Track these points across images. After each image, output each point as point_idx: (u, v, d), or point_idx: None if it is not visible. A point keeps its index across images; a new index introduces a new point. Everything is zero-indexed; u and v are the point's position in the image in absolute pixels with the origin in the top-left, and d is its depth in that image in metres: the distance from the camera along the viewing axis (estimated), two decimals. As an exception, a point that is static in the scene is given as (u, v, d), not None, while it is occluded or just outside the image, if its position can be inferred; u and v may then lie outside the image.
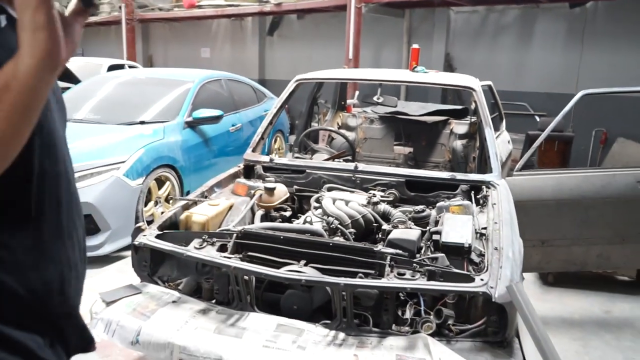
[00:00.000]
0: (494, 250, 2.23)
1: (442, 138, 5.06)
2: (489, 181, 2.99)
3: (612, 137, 7.60)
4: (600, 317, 3.57)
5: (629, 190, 3.32)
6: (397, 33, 9.46)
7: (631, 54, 7.45)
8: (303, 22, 10.89)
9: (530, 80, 8.28)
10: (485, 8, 8.55)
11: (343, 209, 2.71)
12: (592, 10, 7.81)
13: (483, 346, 2.01)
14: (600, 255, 3.41)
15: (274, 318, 2.09)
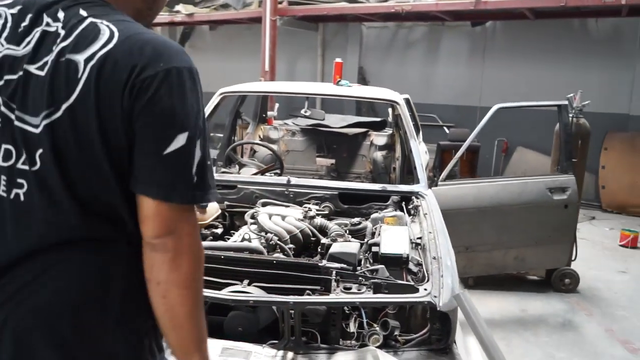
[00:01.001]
0: (432, 259, 2.29)
1: (362, 149, 5.17)
2: (417, 192, 3.09)
3: (513, 146, 8.21)
4: (518, 315, 3.81)
5: (540, 196, 3.59)
6: (311, 46, 9.59)
7: (525, 69, 8.11)
8: (215, 34, 10.72)
9: (438, 93, 8.74)
10: (395, 24, 8.93)
11: (280, 224, 2.66)
12: (491, 29, 8.42)
13: (428, 354, 2.05)
14: (517, 257, 3.65)
15: (218, 342, 1.99)
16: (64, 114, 0.92)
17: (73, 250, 0.96)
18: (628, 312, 4.02)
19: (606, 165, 7.23)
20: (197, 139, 0.97)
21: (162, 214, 0.95)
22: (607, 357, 3.34)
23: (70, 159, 0.94)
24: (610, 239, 5.89)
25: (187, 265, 0.98)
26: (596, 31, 7.78)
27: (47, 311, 0.94)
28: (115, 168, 0.95)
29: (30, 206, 0.95)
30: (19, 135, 0.94)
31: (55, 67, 0.93)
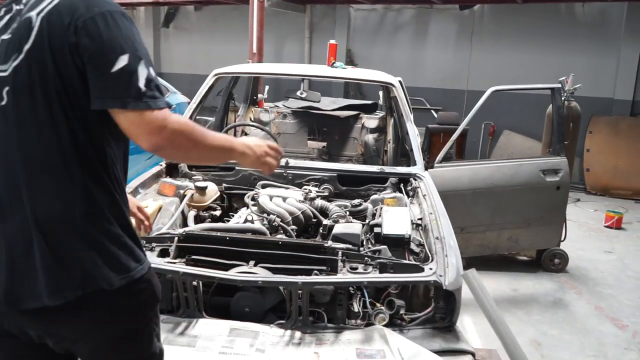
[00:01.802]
0: (435, 239, 2.31)
1: (354, 132, 5.17)
2: (414, 173, 3.11)
3: (499, 129, 8.29)
4: (510, 295, 3.89)
5: (532, 178, 3.64)
6: (298, 28, 9.50)
7: (512, 53, 8.17)
8: (201, 14, 10.54)
9: (426, 77, 8.75)
10: (383, 7, 8.88)
11: (282, 205, 2.66)
12: (479, 12, 8.43)
13: (433, 332, 2.08)
14: (510, 238, 3.71)
15: (226, 322, 1.99)
16: (25, 55, 1.17)
17: None
18: (615, 291, 4.13)
19: (591, 149, 7.36)
20: (141, 60, 1.18)
21: (133, 121, 1.17)
22: (597, 333, 3.44)
23: (29, 92, 1.17)
24: (596, 220, 6.02)
25: (183, 143, 1.24)
26: (582, 15, 7.84)
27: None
28: (65, 94, 1.17)
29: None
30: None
31: (17, 26, 1.20)
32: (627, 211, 6.30)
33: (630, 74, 7.57)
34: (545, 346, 3.23)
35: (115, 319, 1.28)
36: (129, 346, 1.36)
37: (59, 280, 1.19)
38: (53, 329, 1.26)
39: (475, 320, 3.35)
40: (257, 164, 1.57)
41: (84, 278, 1.20)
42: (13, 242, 1.21)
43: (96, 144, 1.22)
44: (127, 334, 1.34)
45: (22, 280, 1.20)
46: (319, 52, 9.38)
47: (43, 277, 1.19)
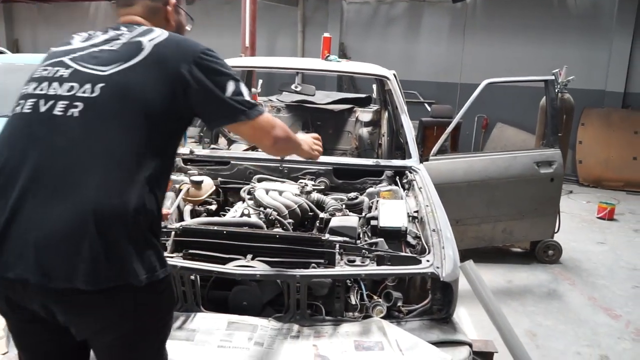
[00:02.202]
0: (432, 232, 2.32)
1: (348, 126, 5.17)
2: (410, 166, 3.12)
3: (492, 122, 8.32)
4: (505, 286, 3.92)
5: (527, 170, 3.65)
6: (291, 22, 9.46)
7: (505, 46, 8.19)
8: (192, 8, 10.40)
9: (419, 70, 8.76)
10: (376, 0, 8.86)
11: (278, 199, 2.66)
12: (471, 6, 8.44)
13: (431, 324, 2.09)
14: (505, 230, 3.73)
15: (224, 316, 1.99)
16: (131, 66, 1.36)
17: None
18: (608, 281, 4.17)
19: (583, 141, 7.41)
20: (238, 81, 1.46)
21: (251, 131, 1.51)
22: (591, 323, 3.47)
23: (122, 95, 1.34)
24: (588, 212, 6.06)
25: (285, 135, 1.61)
26: (574, 7, 7.87)
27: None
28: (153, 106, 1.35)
29: (82, 123, 1.31)
30: (85, 76, 1.36)
31: (125, 44, 1.42)
32: (619, 202, 6.36)
33: (621, 66, 7.61)
34: (540, 336, 3.26)
35: (137, 315, 1.34)
36: (144, 345, 1.43)
37: (99, 268, 1.24)
38: (78, 315, 1.31)
39: (471, 312, 3.38)
40: (311, 154, 1.89)
41: (121, 271, 1.26)
42: (66, 222, 1.24)
43: (160, 153, 1.38)
44: (145, 332, 1.40)
45: (63, 260, 1.24)
46: (311, 46, 9.36)
47: (84, 262, 1.23)
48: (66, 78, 1.37)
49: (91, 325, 1.33)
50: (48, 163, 1.28)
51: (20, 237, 1.25)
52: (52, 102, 1.34)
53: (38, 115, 1.33)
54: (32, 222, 1.25)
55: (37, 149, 1.30)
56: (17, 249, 1.25)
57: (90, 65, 1.38)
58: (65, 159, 1.29)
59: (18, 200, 1.26)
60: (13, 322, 1.43)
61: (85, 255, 1.23)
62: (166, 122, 1.38)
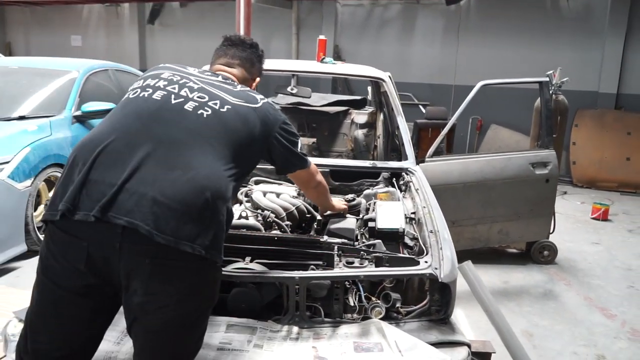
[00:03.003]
0: (429, 233, 2.33)
1: (343, 128, 5.17)
2: (406, 168, 3.13)
3: (487, 124, 8.35)
4: (501, 287, 3.93)
5: (522, 171, 3.67)
6: (285, 24, 9.47)
7: (499, 48, 8.23)
8: (186, 11, 10.45)
9: (413, 72, 8.78)
10: (370, 2, 8.89)
11: (276, 201, 2.65)
12: (465, 7, 8.48)
13: (429, 325, 2.09)
14: (501, 231, 3.75)
15: (223, 319, 1.99)
16: (250, 108, 1.78)
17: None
18: (603, 281, 4.19)
19: (577, 142, 7.45)
20: (300, 141, 2.01)
21: (306, 175, 2.14)
22: (587, 323, 3.49)
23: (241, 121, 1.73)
24: (582, 213, 6.10)
25: (321, 187, 2.30)
26: (567, 9, 7.93)
27: None
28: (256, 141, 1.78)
29: (206, 122, 1.64)
30: (214, 95, 1.74)
31: (242, 90, 1.85)
32: (613, 203, 6.40)
33: (614, 67, 7.67)
34: (537, 337, 3.27)
35: (204, 292, 1.54)
36: (193, 329, 1.57)
37: (201, 236, 1.44)
38: (164, 280, 1.44)
39: (467, 312, 3.39)
40: (334, 206, 2.51)
41: (213, 245, 1.47)
42: (182, 189, 1.45)
43: (240, 166, 1.70)
44: (201, 314, 1.58)
45: (176, 219, 1.42)
46: (306, 48, 9.37)
47: (192, 227, 1.43)
48: (195, 89, 1.72)
49: (162, 294, 1.45)
50: (170, 139, 1.55)
51: (138, 191, 1.42)
52: (182, 100, 1.67)
53: (169, 105, 1.65)
54: (150, 182, 1.44)
55: (162, 127, 1.58)
56: (134, 199, 1.41)
57: (218, 90, 1.76)
58: (185, 140, 1.56)
59: (140, 160, 1.47)
60: (61, 291, 1.49)
61: (194, 221, 1.43)
62: (250, 154, 1.77)
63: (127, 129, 1.58)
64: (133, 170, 1.46)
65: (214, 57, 2.06)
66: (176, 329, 1.52)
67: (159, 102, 1.65)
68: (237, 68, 2.00)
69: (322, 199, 2.39)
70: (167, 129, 1.58)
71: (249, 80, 2.04)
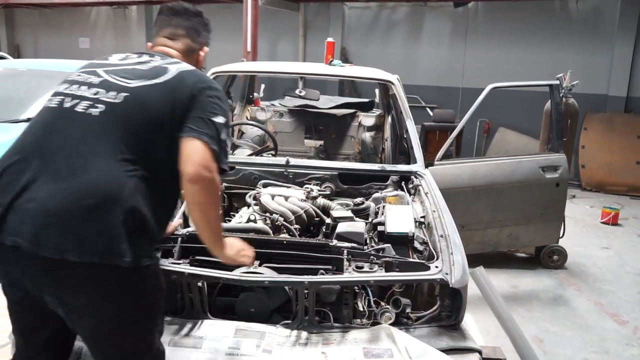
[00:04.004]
0: (440, 237, 2.30)
1: (350, 130, 5.15)
2: (416, 171, 3.10)
3: (494, 127, 8.31)
4: (510, 292, 3.89)
5: (532, 175, 3.64)
6: (292, 26, 9.47)
7: (507, 51, 8.18)
8: (194, 13, 10.45)
9: (420, 74, 8.75)
10: (378, 4, 8.87)
11: (284, 204, 2.64)
12: (473, 10, 8.44)
13: (440, 330, 2.06)
14: (510, 235, 3.71)
15: (231, 323, 1.97)
16: (156, 84, 1.61)
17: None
18: (614, 287, 4.14)
19: (586, 145, 7.39)
20: (226, 128, 1.64)
21: (203, 153, 1.53)
22: (598, 329, 3.45)
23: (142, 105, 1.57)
24: (592, 217, 6.04)
25: (210, 194, 1.56)
26: (576, 12, 7.87)
27: None
28: (168, 122, 1.57)
29: (97, 120, 1.53)
30: (112, 85, 1.59)
31: (155, 67, 1.67)
32: (623, 207, 6.34)
33: (624, 71, 7.61)
34: (547, 342, 3.23)
35: (120, 299, 1.47)
36: (126, 334, 1.53)
37: (88, 242, 1.39)
38: (64, 288, 1.44)
39: (477, 318, 3.35)
40: (234, 260, 1.80)
41: (108, 249, 1.39)
42: (65, 199, 1.40)
43: (161, 158, 1.57)
44: (127, 320, 1.50)
45: (57, 231, 1.38)
46: (313, 51, 9.36)
47: (75, 236, 1.38)
48: (95, 84, 1.61)
49: (76, 304, 1.45)
50: (60, 149, 1.48)
51: (24, 207, 1.41)
52: (77, 101, 1.57)
53: (62, 110, 1.56)
54: (37, 196, 1.41)
55: (53, 137, 1.51)
56: (18, 217, 1.41)
57: (119, 77, 1.62)
58: (76, 147, 1.49)
59: (30, 178, 1.44)
60: (9, 303, 1.59)
61: (77, 229, 1.39)
62: (170, 134, 1.57)
63: (24, 145, 1.54)
64: (22, 188, 1.43)
65: (157, 28, 1.90)
66: (110, 334, 1.51)
67: (55, 110, 1.58)
68: (182, 39, 1.86)
69: (200, 208, 1.57)
70: (57, 139, 1.51)
71: (196, 51, 1.90)
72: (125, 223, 1.42)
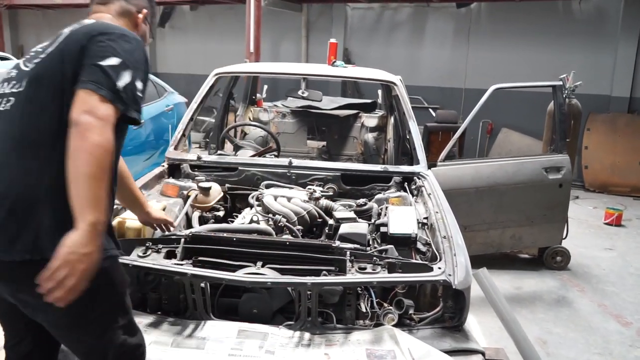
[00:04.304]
0: (442, 238, 2.29)
1: (353, 131, 5.16)
2: (418, 172, 3.10)
3: (497, 127, 8.30)
4: (514, 293, 3.88)
5: (535, 176, 3.63)
6: (295, 27, 9.48)
7: (510, 51, 8.17)
8: (197, 14, 10.49)
9: (423, 75, 8.74)
10: (380, 5, 8.87)
11: (287, 205, 2.64)
12: (476, 11, 8.43)
13: (443, 332, 2.06)
14: (513, 236, 3.70)
15: (234, 324, 1.97)
16: (46, 56, 1.47)
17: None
18: (617, 288, 4.13)
19: (589, 146, 7.37)
20: (129, 69, 1.42)
21: (87, 99, 1.34)
22: (602, 331, 3.43)
23: (36, 83, 1.45)
24: (595, 218, 6.02)
25: (95, 139, 1.30)
26: (579, 12, 7.86)
27: None
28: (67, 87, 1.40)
29: (7, 115, 1.46)
30: (22, 74, 1.50)
31: (56, 37, 1.53)
32: (626, 208, 6.31)
33: (627, 71, 7.59)
34: (551, 344, 3.22)
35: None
36: (80, 329, 1.50)
37: (14, 240, 1.37)
38: (9, 285, 1.45)
39: (480, 319, 3.35)
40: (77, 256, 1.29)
41: (34, 245, 1.36)
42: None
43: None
44: (78, 315, 1.44)
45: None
46: (315, 51, 9.37)
47: (1, 234, 1.37)
48: (13, 78, 1.53)
49: (30, 304, 1.44)
50: None
51: None
52: (1, 100, 1.51)
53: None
54: None
55: None
56: None
57: (27, 63, 1.52)
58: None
59: None
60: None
61: (2, 228, 1.37)
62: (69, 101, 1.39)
63: None
64: None
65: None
66: (65, 329, 1.51)
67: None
68: (114, 1, 1.72)
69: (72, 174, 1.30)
70: None
71: (134, 14, 1.74)
72: (50, 216, 1.38)
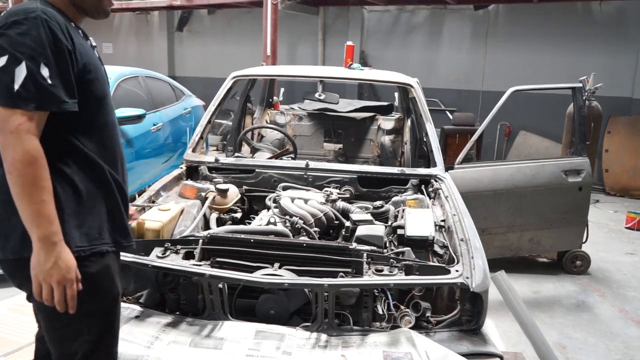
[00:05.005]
0: (460, 241, 2.28)
1: (370, 134, 5.15)
2: (436, 174, 3.09)
3: (515, 130, 8.22)
4: (532, 297, 3.84)
5: (554, 178, 3.59)
6: (312, 30, 9.50)
7: (528, 53, 8.09)
8: (214, 18, 10.59)
9: (440, 77, 8.70)
10: (397, 8, 8.85)
11: (304, 207, 2.65)
12: (493, 13, 8.37)
13: (460, 335, 2.05)
14: (532, 240, 3.66)
15: (251, 325, 1.99)
16: None
17: None
18: (639, 293, 4.05)
19: (609, 149, 7.26)
20: (22, 60, 1.30)
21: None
22: (623, 336, 3.38)
23: None
24: (616, 222, 5.93)
25: (11, 156, 1.28)
26: (600, 14, 7.75)
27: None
28: None
29: None
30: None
31: None
32: (648, 212, 6.20)
33: (649, 73, 7.47)
34: (570, 349, 3.18)
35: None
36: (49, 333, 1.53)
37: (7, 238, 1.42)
38: (17, 285, 1.51)
39: (498, 323, 3.32)
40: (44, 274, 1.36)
41: (23, 244, 1.39)
42: None
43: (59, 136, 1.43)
44: (51, 318, 1.48)
45: None
46: (331, 54, 9.38)
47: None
48: None
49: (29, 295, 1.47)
50: None
51: None
52: None
53: None
54: None
55: None
56: None
57: None
58: None
59: None
60: None
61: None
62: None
63: None
64: None
65: None
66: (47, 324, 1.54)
67: None
68: None
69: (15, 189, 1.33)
70: None
71: None
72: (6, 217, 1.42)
